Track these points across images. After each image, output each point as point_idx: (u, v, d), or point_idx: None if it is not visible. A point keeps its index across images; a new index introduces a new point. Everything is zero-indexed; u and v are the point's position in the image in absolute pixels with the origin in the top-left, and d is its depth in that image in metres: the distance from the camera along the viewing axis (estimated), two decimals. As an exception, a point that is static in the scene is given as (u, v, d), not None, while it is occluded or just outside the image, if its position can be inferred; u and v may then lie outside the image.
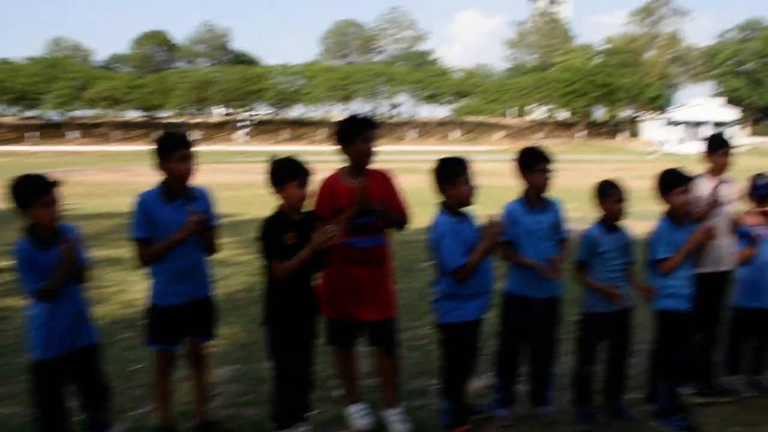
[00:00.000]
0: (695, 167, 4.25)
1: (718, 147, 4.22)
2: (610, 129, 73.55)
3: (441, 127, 74.53)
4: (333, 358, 3.94)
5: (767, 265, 4.20)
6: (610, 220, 3.84)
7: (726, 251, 4.16)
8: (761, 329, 4.30)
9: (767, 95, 70.82)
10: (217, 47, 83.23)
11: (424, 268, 6.84)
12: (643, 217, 5.70)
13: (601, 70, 67.81)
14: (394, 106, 79.93)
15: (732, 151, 4.22)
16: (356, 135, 3.61)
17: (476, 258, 3.48)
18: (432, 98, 72.31)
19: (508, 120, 76.90)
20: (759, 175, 4.27)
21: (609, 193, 3.79)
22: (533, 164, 3.78)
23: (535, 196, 3.81)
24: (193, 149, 3.46)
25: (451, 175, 3.54)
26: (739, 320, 4.34)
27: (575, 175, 20.50)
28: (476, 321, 3.64)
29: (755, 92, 71.02)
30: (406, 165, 20.11)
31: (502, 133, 70.12)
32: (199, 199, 3.52)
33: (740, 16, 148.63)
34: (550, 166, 3.79)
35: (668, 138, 62.50)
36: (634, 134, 69.14)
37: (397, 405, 3.79)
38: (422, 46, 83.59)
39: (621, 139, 67.76)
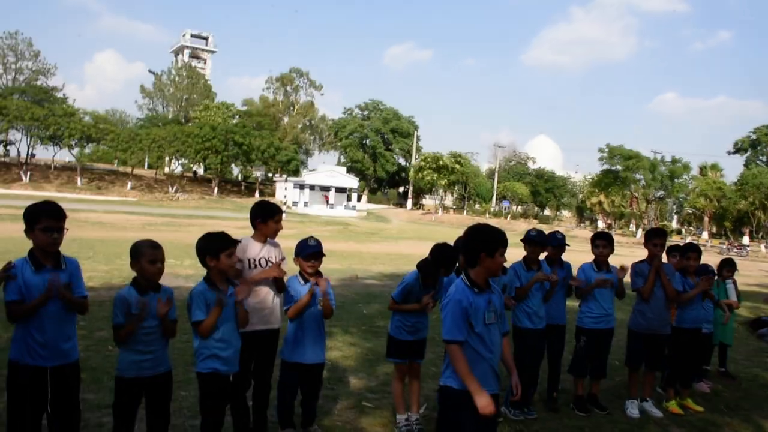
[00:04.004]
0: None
1: (272, 214, 4.55)
2: (245, 187, 75.07)
3: (64, 172, 67.40)
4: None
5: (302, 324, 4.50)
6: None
7: (277, 310, 4.56)
8: (303, 384, 4.60)
9: (383, 168, 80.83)
10: None
11: None
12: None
13: (238, 130, 68.78)
14: (6, 144, 69.09)
15: (281, 218, 4.57)
16: None
17: None
18: (53, 140, 64.01)
19: (141, 171, 72.97)
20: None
21: None
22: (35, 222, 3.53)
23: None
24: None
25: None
26: (284, 373, 4.59)
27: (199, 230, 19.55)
28: None
29: (374, 164, 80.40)
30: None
31: (132, 184, 66.19)
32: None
33: (364, 95, 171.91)
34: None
35: (298, 199, 66.68)
36: (270, 194, 71.57)
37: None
38: (49, 82, 73.71)
39: (255, 198, 69.43)
